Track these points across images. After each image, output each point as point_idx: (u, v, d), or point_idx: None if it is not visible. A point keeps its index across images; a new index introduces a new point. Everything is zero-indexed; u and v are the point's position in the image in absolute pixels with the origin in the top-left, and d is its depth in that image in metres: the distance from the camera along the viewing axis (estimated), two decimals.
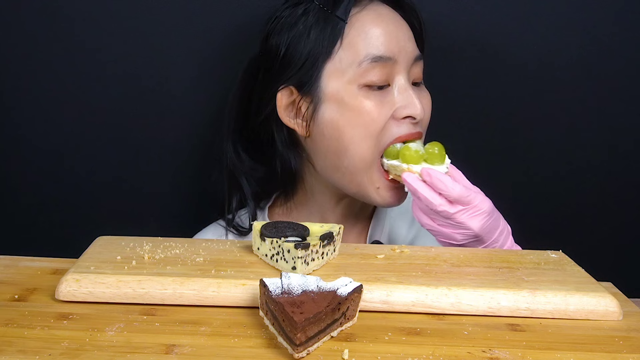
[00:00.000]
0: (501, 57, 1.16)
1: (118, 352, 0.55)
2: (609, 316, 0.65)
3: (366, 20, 0.92)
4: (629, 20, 1.15)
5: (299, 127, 0.95)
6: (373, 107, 0.90)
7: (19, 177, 1.18)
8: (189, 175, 1.19)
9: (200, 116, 1.16)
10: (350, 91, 0.91)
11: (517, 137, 1.19)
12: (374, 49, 0.90)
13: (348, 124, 0.91)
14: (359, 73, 0.90)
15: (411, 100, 0.91)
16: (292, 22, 0.93)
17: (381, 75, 0.91)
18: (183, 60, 1.14)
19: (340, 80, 0.91)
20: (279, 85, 0.95)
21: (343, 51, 0.91)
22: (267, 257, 0.71)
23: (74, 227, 1.19)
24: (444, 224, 0.86)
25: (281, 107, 0.96)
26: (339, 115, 0.91)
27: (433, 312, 0.65)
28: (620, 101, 1.18)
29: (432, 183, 0.85)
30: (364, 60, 0.90)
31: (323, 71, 0.92)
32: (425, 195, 0.85)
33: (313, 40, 0.91)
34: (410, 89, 0.92)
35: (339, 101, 0.91)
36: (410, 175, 0.88)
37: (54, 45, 1.12)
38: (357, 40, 0.91)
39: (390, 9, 0.95)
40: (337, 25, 0.91)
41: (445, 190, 0.84)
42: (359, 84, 0.90)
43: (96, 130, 1.16)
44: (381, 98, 0.91)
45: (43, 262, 0.75)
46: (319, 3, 0.92)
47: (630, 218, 1.23)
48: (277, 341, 0.57)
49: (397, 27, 0.93)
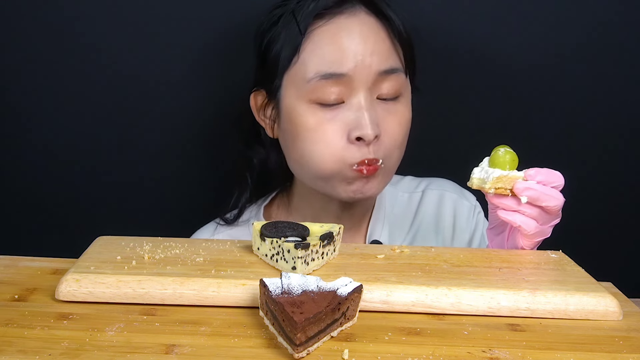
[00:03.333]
0: (498, 61, 1.16)
1: (118, 352, 0.55)
2: (609, 316, 0.65)
3: (325, 35, 0.90)
4: (628, 21, 1.15)
5: (267, 127, 0.98)
6: (320, 125, 0.89)
7: (19, 177, 1.18)
8: (189, 175, 1.20)
9: (200, 116, 1.16)
10: (301, 106, 0.90)
11: (516, 137, 1.18)
12: (324, 66, 0.88)
13: (302, 138, 0.91)
14: (309, 89, 0.89)
15: (362, 120, 0.88)
16: (273, 21, 0.93)
17: (334, 92, 0.88)
18: (184, 60, 1.14)
19: (294, 93, 0.91)
20: (253, 87, 0.98)
21: (298, 65, 0.90)
22: (267, 257, 0.71)
23: (74, 227, 1.19)
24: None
25: (254, 107, 0.99)
26: (293, 128, 0.92)
27: (433, 312, 0.65)
28: (620, 102, 1.18)
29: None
30: (314, 78, 0.88)
31: (283, 81, 0.92)
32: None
33: (279, 48, 0.91)
34: (364, 109, 0.89)
35: (292, 114, 0.91)
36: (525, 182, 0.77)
37: (54, 45, 1.12)
38: (310, 57, 0.89)
39: (369, 17, 0.91)
40: (297, 38, 0.90)
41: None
42: (310, 99, 0.89)
43: (96, 131, 1.16)
44: (333, 116, 0.89)
45: (43, 262, 0.75)
46: (292, 9, 0.91)
47: (630, 218, 1.23)
48: (277, 341, 0.57)
49: (361, 41, 0.89)
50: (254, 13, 1.00)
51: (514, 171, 0.77)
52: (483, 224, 1.08)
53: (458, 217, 1.07)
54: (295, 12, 0.90)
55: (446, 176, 1.12)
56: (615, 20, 1.15)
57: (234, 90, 1.06)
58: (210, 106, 1.15)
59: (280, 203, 1.07)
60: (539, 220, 0.78)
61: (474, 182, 0.79)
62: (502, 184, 0.77)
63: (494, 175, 0.77)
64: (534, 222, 0.78)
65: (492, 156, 0.79)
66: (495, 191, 0.78)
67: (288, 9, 0.92)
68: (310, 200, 1.01)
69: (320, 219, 1.00)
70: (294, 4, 0.92)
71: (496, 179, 0.77)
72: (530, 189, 0.76)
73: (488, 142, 0.86)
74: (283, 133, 0.95)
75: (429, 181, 1.10)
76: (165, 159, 1.18)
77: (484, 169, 0.79)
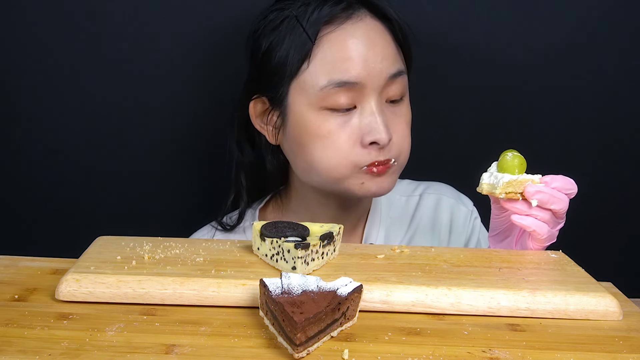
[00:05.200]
0: (497, 61, 1.16)
1: (118, 352, 0.55)
2: (609, 316, 0.65)
3: (334, 42, 0.89)
4: (628, 21, 1.15)
5: (269, 134, 0.96)
6: (332, 131, 0.89)
7: (19, 177, 1.18)
8: (189, 175, 1.19)
9: (200, 117, 1.16)
10: (311, 113, 0.90)
11: (515, 138, 1.19)
12: (338, 74, 0.88)
13: (312, 145, 0.90)
14: (321, 97, 0.88)
15: (375, 125, 0.88)
16: (273, 26, 0.92)
17: (346, 99, 0.88)
18: (183, 61, 1.14)
19: (304, 101, 0.90)
20: (252, 95, 0.96)
21: (309, 72, 0.89)
22: (267, 257, 0.71)
23: (74, 227, 1.19)
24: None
25: (253, 115, 0.97)
26: (302, 134, 0.91)
27: (433, 312, 0.65)
28: (619, 101, 1.18)
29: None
30: (327, 86, 0.88)
31: (290, 88, 0.91)
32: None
33: (284, 55, 0.90)
34: (377, 114, 0.89)
35: (302, 122, 0.91)
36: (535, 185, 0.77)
37: (54, 46, 1.12)
38: (321, 64, 0.89)
39: (374, 20, 0.92)
40: (306, 45, 0.89)
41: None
42: (321, 106, 0.89)
43: (96, 131, 1.16)
44: (345, 121, 0.89)
45: (43, 262, 0.75)
46: (295, 14, 0.90)
47: (630, 218, 1.23)
48: (277, 341, 0.57)
49: (370, 47, 0.89)
50: (247, 15, 0.99)
51: (524, 175, 0.78)
52: (479, 229, 1.08)
53: (455, 221, 1.07)
54: (300, 17, 0.89)
55: (444, 178, 1.12)
56: (615, 20, 1.15)
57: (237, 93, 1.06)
58: (212, 107, 1.15)
59: (275, 206, 1.06)
60: (550, 224, 0.79)
61: (484, 187, 0.80)
62: (513, 188, 0.77)
63: (503, 180, 0.77)
64: (546, 226, 0.79)
65: (500, 161, 0.79)
66: (506, 196, 0.78)
67: (289, 14, 0.90)
68: (306, 203, 1.01)
69: (316, 221, 1.00)
70: (296, 9, 0.90)
71: (506, 183, 0.77)
72: (540, 192, 0.77)
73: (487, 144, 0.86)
74: (289, 140, 0.94)
75: (427, 185, 1.10)
76: (166, 159, 1.18)
77: (493, 174, 0.79)
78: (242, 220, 1.04)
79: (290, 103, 0.91)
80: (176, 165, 1.19)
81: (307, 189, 0.99)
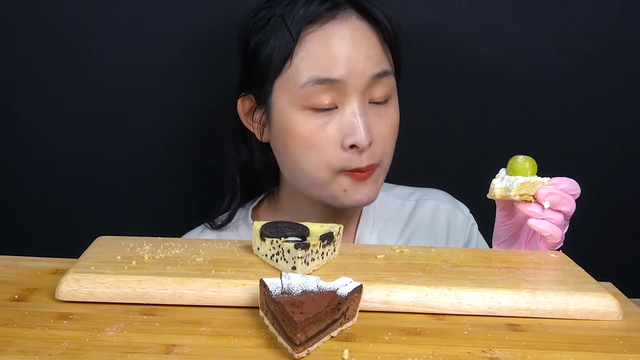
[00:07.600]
0: (495, 64, 1.16)
1: (118, 352, 0.55)
2: (609, 316, 0.65)
3: (317, 41, 0.88)
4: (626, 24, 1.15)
5: (257, 132, 0.97)
6: (313, 131, 0.89)
7: (19, 177, 1.18)
8: (188, 175, 1.20)
9: (199, 117, 1.16)
10: (293, 113, 0.89)
11: (515, 138, 1.19)
12: (319, 71, 0.88)
13: (295, 145, 0.90)
14: (303, 95, 0.88)
15: (355, 127, 0.88)
16: (262, 24, 0.92)
17: (327, 98, 0.88)
18: (182, 61, 1.14)
19: (287, 99, 0.90)
20: (240, 92, 0.96)
21: (290, 71, 0.89)
22: (267, 257, 0.71)
23: (74, 227, 1.19)
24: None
25: (242, 113, 0.98)
26: (285, 134, 0.91)
27: (433, 312, 0.65)
28: (619, 102, 1.18)
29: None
30: (307, 83, 0.88)
31: (274, 87, 0.91)
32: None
33: (270, 53, 0.90)
34: (358, 115, 0.88)
35: (285, 121, 0.91)
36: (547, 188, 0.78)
37: (54, 46, 1.12)
38: (303, 62, 0.88)
39: (360, 21, 0.91)
40: (289, 44, 0.89)
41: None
42: (303, 105, 0.89)
43: (96, 131, 1.16)
44: (326, 122, 0.89)
45: (43, 262, 0.75)
46: (282, 13, 0.90)
47: (630, 218, 1.23)
48: (277, 341, 0.57)
49: (354, 46, 0.88)
50: (244, 14, 0.99)
51: (536, 177, 0.78)
52: (477, 236, 1.08)
53: (452, 228, 1.07)
54: (285, 16, 0.89)
55: (440, 185, 1.11)
56: (618, 23, 1.15)
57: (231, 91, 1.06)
58: (212, 107, 1.15)
59: (267, 206, 1.06)
60: (562, 227, 0.79)
61: (496, 192, 0.80)
62: (526, 190, 0.78)
63: (517, 182, 0.78)
64: (560, 229, 0.79)
65: (511, 164, 0.80)
66: (520, 198, 0.78)
67: (276, 12, 0.90)
68: (298, 203, 1.01)
69: (307, 222, 1.00)
70: (282, 8, 0.90)
71: (520, 185, 0.78)
72: (553, 194, 0.77)
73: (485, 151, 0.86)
74: (275, 139, 0.94)
75: (424, 191, 1.10)
76: (165, 160, 1.18)
77: (504, 179, 0.80)
78: (232, 219, 1.03)
79: (274, 101, 0.92)
80: (177, 165, 1.19)
81: (297, 189, 0.99)
